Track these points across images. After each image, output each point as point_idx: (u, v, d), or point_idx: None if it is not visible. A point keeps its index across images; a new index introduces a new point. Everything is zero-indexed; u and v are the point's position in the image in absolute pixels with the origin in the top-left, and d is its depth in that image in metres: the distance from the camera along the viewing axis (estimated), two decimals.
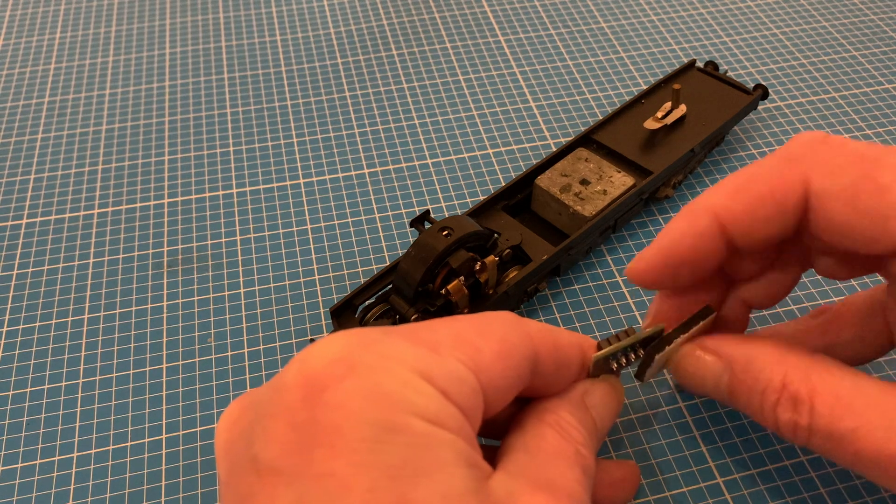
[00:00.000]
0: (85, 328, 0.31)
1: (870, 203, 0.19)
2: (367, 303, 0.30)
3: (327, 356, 0.17)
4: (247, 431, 0.17)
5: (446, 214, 0.36)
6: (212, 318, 0.32)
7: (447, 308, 0.28)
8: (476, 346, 0.18)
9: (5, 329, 0.32)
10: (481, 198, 0.36)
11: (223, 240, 0.35)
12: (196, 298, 0.32)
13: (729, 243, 0.21)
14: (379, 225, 0.35)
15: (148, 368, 0.30)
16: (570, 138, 0.38)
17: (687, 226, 0.21)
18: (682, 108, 0.36)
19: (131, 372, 0.30)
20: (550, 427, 0.20)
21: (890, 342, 0.23)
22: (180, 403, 0.29)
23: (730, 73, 0.43)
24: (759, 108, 0.41)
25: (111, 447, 0.28)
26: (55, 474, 0.27)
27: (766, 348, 0.21)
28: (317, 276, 0.33)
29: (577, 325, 0.31)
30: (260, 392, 0.18)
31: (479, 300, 0.29)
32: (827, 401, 0.19)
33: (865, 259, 0.21)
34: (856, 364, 0.23)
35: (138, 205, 0.37)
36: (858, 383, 0.20)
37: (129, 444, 0.28)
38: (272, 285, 0.33)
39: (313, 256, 0.34)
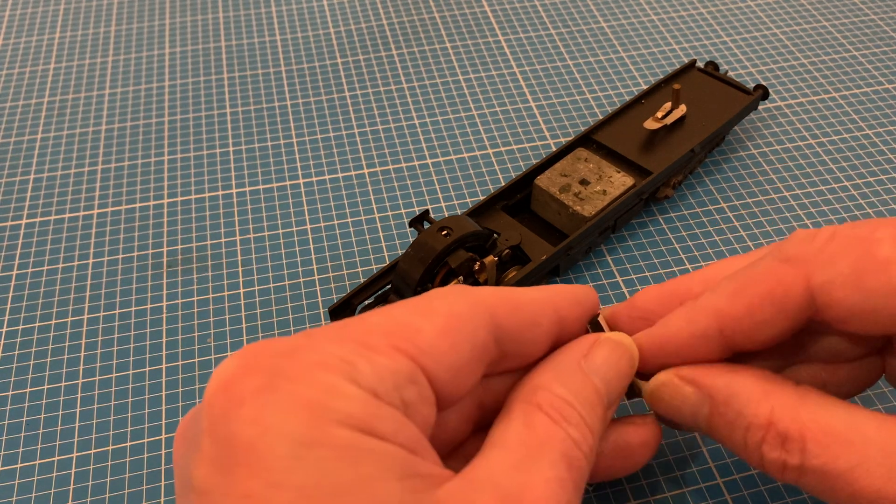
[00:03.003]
0: (85, 328, 0.31)
1: (876, 282, 0.18)
2: (365, 303, 0.30)
3: (243, 368, 0.16)
4: (188, 447, 0.16)
5: (446, 214, 0.36)
6: (212, 318, 0.32)
7: None
8: (414, 327, 0.17)
9: (5, 329, 0.32)
10: (481, 198, 0.36)
11: (223, 240, 0.35)
12: (196, 298, 0.32)
13: (730, 344, 0.20)
14: (378, 225, 0.35)
15: (148, 368, 0.30)
16: (569, 138, 0.38)
17: (684, 326, 0.20)
18: (682, 109, 0.36)
19: (131, 372, 0.30)
20: (537, 408, 0.18)
21: (879, 374, 0.22)
22: (180, 403, 0.29)
23: (730, 73, 0.43)
24: (760, 108, 0.41)
25: (111, 447, 0.28)
26: (55, 474, 0.27)
27: (749, 380, 0.20)
28: (316, 276, 0.33)
29: None
30: (201, 403, 0.17)
31: None
32: (820, 438, 0.18)
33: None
34: (845, 397, 0.21)
35: (138, 205, 0.37)
36: (854, 418, 0.18)
37: (128, 444, 0.28)
38: (272, 285, 0.33)
39: (313, 256, 0.34)
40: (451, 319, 0.17)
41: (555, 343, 0.21)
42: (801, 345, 0.22)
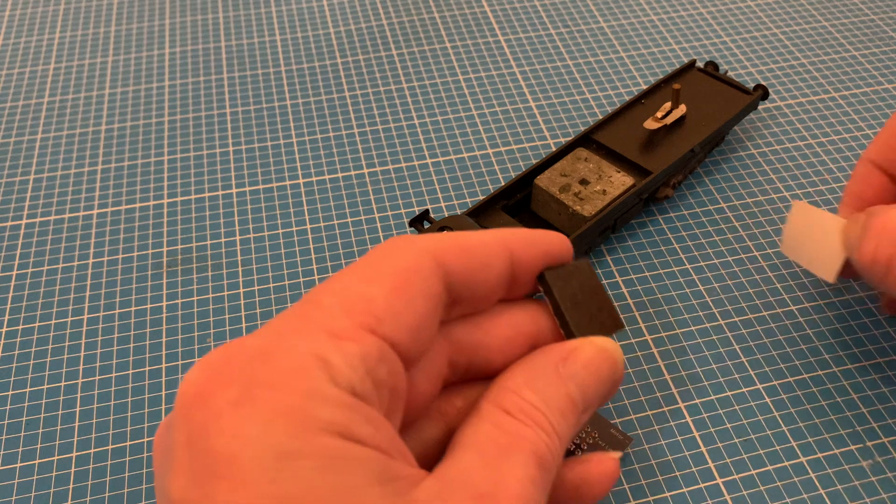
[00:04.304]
0: (85, 328, 0.31)
1: None
2: None
3: (217, 377, 0.15)
4: (164, 456, 0.16)
5: (446, 214, 0.36)
6: (211, 318, 0.32)
7: None
8: (366, 296, 0.16)
9: (5, 329, 0.32)
10: (481, 198, 0.36)
11: (223, 240, 0.35)
12: (196, 298, 0.32)
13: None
14: (378, 225, 0.35)
15: (148, 368, 0.30)
16: (569, 138, 0.38)
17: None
18: (682, 108, 0.36)
19: (131, 372, 0.30)
20: (507, 412, 0.18)
21: None
22: None
23: (730, 73, 0.43)
24: (760, 108, 0.41)
25: (111, 447, 0.28)
26: (54, 474, 0.27)
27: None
28: (316, 277, 0.33)
29: None
30: (173, 414, 0.16)
31: None
32: None
33: None
34: None
35: (138, 205, 0.37)
36: None
37: (128, 443, 0.28)
38: (272, 285, 0.33)
39: (313, 256, 0.34)
40: (399, 275, 0.17)
41: (509, 286, 0.20)
42: None
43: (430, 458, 0.19)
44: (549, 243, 0.20)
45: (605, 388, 0.19)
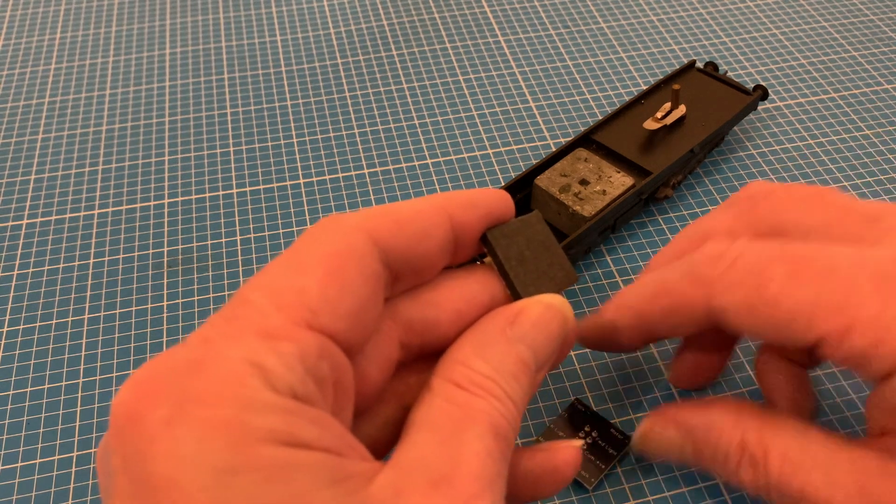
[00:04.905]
0: (85, 328, 0.31)
1: (763, 315, 0.20)
2: None
3: (146, 396, 0.14)
4: (106, 479, 0.15)
5: None
6: None
7: None
8: (297, 287, 0.16)
9: (5, 329, 0.32)
10: None
11: (223, 240, 0.35)
12: (196, 298, 0.32)
13: (649, 332, 0.24)
14: None
15: None
16: (569, 138, 0.38)
17: (615, 317, 0.24)
18: (682, 109, 0.36)
19: (131, 372, 0.30)
20: (458, 385, 0.17)
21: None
22: None
23: (730, 74, 0.43)
24: (759, 108, 0.41)
25: None
26: (55, 474, 0.27)
27: (722, 412, 0.22)
28: None
29: None
30: (107, 436, 0.15)
31: None
32: (777, 461, 0.20)
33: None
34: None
35: (138, 205, 0.37)
36: (806, 441, 0.20)
37: None
38: None
39: None
40: (332, 262, 0.16)
41: (454, 252, 0.19)
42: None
43: (389, 442, 0.19)
44: (489, 202, 0.20)
45: (555, 344, 0.19)
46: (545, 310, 0.19)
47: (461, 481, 0.15)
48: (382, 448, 0.18)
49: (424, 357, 0.19)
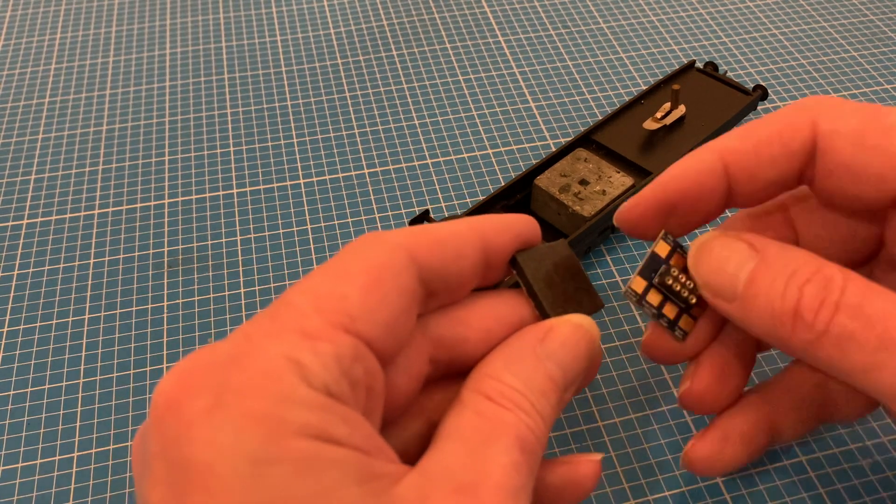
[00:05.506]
0: (85, 328, 0.31)
1: (877, 140, 0.19)
2: None
3: (187, 386, 0.15)
4: (142, 466, 0.16)
5: (446, 214, 0.36)
6: (212, 318, 0.32)
7: None
8: (339, 294, 0.16)
9: (5, 329, 0.32)
10: (481, 198, 0.36)
11: (223, 240, 0.35)
12: (196, 298, 0.32)
13: (731, 185, 0.21)
14: (379, 225, 0.35)
15: (148, 368, 0.30)
16: (569, 138, 0.38)
17: (691, 163, 0.21)
18: (682, 109, 0.36)
19: (131, 372, 0.30)
20: (488, 398, 0.18)
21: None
22: None
23: (729, 74, 0.43)
24: (759, 108, 0.41)
25: (111, 447, 0.28)
26: (55, 474, 0.27)
27: (799, 250, 0.19)
28: None
29: None
30: (147, 423, 0.16)
31: None
32: (857, 289, 0.18)
33: (866, 215, 0.21)
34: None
35: (138, 205, 0.37)
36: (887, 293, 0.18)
37: (129, 443, 0.28)
38: (272, 285, 0.33)
39: (313, 256, 0.34)
40: (371, 272, 0.17)
41: (484, 273, 0.20)
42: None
43: (414, 455, 0.19)
44: (519, 226, 0.20)
45: (584, 364, 0.19)
46: (574, 329, 0.19)
47: (486, 491, 0.16)
48: (407, 461, 0.19)
49: (451, 376, 0.20)
